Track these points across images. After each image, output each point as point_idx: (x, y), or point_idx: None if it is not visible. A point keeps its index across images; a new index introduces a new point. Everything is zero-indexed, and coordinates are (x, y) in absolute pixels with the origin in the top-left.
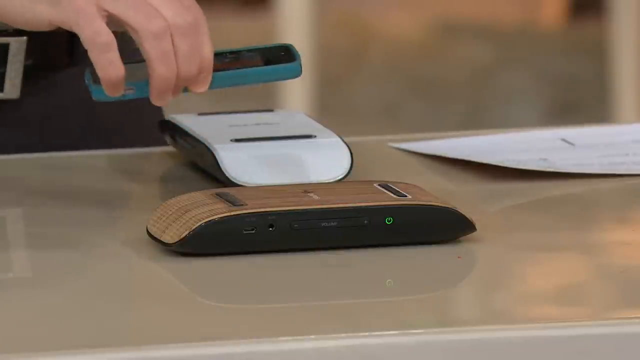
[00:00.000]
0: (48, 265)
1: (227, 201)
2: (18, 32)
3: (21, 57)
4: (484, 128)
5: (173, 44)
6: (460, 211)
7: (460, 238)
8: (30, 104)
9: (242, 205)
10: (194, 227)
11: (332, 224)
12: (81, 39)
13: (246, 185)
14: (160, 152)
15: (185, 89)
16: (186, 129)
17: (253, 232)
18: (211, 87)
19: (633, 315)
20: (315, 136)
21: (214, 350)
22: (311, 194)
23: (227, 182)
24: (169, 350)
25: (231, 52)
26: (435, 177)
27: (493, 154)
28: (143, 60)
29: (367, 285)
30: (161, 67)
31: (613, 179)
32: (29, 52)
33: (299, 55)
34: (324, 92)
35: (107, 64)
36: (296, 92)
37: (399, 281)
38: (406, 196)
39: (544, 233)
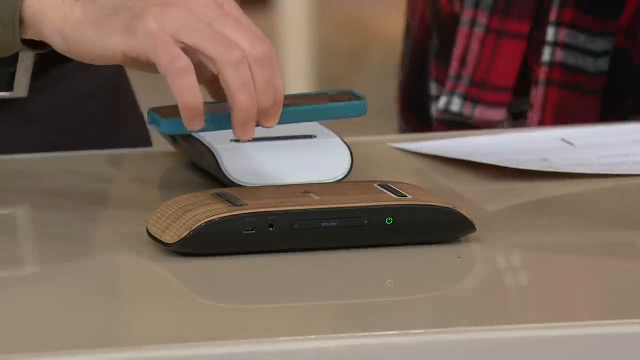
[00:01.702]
0: (47, 265)
1: (227, 201)
2: None
3: (31, 55)
4: None
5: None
6: (460, 211)
7: (460, 238)
8: (35, 102)
9: (242, 205)
10: (194, 227)
11: (332, 224)
12: (158, 66)
13: (246, 185)
14: (161, 152)
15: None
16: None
17: (253, 232)
18: (280, 122)
19: (633, 315)
20: (315, 136)
21: (214, 350)
22: (311, 194)
23: (227, 182)
24: (169, 350)
25: (295, 95)
26: (435, 177)
27: (493, 154)
28: (218, 101)
29: (367, 285)
30: (243, 95)
31: (613, 179)
32: None
33: (364, 96)
34: None
35: (186, 88)
36: (296, 92)
37: (399, 281)
38: (406, 196)
39: (544, 233)
